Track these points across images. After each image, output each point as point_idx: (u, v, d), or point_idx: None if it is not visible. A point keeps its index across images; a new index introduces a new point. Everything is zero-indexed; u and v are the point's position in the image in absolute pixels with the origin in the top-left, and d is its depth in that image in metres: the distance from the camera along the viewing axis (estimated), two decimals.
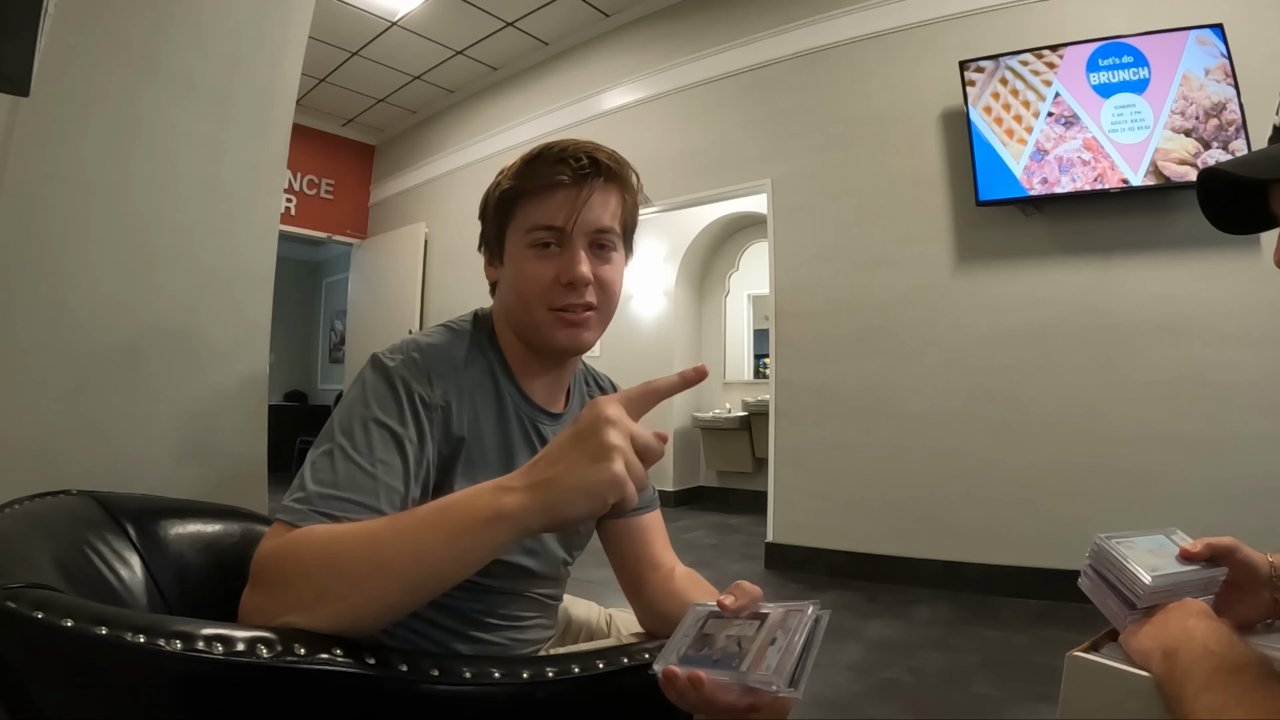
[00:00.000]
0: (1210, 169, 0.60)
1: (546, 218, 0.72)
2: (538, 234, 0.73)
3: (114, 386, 1.63)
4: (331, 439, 0.63)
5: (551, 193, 0.72)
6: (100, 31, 1.61)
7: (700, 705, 0.48)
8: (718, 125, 3.88)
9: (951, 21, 3.10)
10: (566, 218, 0.72)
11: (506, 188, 0.75)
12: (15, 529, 0.67)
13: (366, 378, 0.68)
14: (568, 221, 0.72)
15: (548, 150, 0.73)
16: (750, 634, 0.52)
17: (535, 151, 0.74)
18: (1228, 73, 2.46)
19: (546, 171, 0.72)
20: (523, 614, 0.80)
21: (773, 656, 0.49)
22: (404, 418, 0.66)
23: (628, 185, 0.77)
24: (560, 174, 0.72)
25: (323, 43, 4.64)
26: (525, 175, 0.74)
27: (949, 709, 1.79)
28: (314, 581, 0.51)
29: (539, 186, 0.73)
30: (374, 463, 0.61)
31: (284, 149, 2.03)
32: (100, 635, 0.44)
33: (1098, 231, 2.75)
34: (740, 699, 0.47)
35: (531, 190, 0.73)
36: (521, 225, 0.74)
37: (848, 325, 3.27)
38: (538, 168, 0.73)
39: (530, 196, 0.73)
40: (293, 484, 0.60)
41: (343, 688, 0.48)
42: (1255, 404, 2.41)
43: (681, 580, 0.83)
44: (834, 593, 2.89)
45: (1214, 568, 0.62)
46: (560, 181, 0.72)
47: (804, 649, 0.49)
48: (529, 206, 0.73)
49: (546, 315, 0.74)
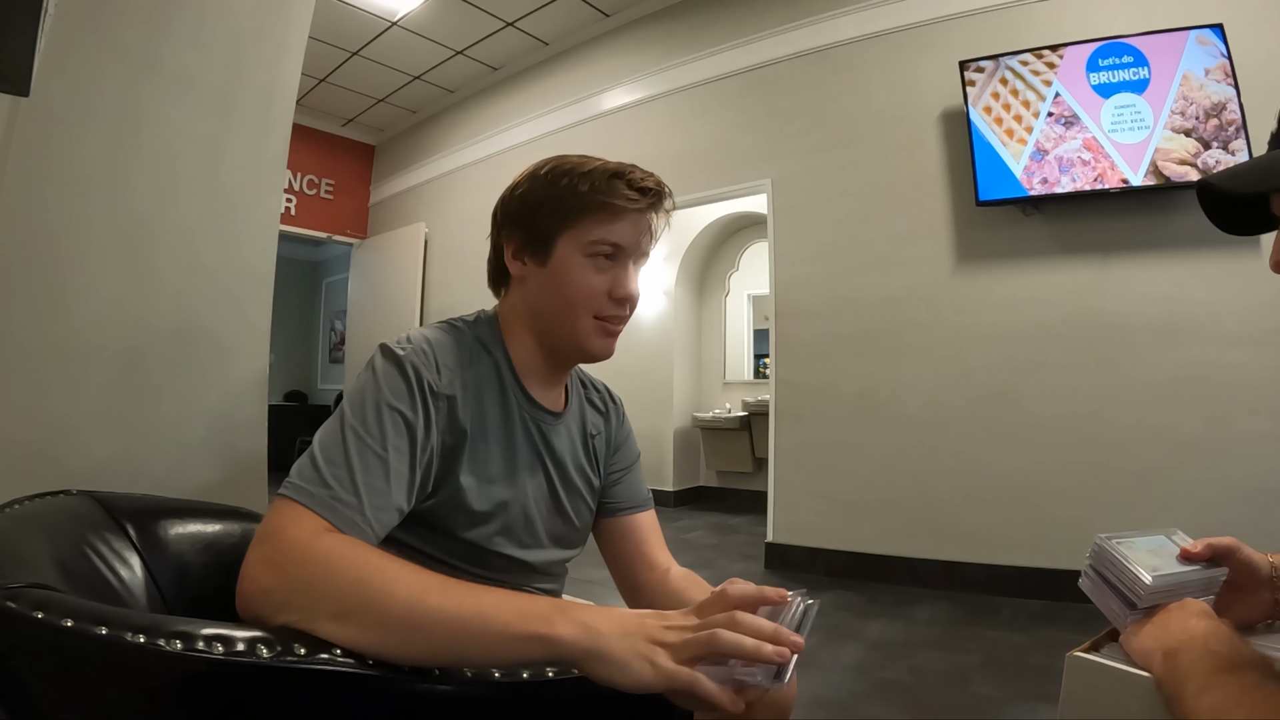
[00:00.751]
0: (1201, 183, 0.60)
1: (615, 236, 0.76)
2: (603, 248, 0.76)
3: (114, 386, 1.62)
4: (343, 420, 0.63)
5: (624, 214, 0.76)
6: (100, 31, 1.61)
7: (697, 701, 0.48)
8: (718, 125, 3.88)
9: (951, 21, 3.10)
10: (631, 240, 0.77)
11: (583, 193, 0.76)
12: (15, 529, 0.67)
13: (378, 364, 0.69)
14: (632, 244, 0.78)
15: (631, 174, 0.77)
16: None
17: (619, 170, 0.77)
18: (1228, 73, 2.46)
19: (627, 194, 0.76)
20: None
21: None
22: (414, 404, 0.67)
23: (666, 212, 0.83)
24: (635, 201, 0.76)
25: (323, 43, 4.64)
26: (606, 190, 0.76)
27: (949, 709, 1.79)
28: (340, 601, 0.50)
29: (612, 205, 0.76)
30: (385, 447, 0.62)
31: (284, 149, 2.03)
32: (100, 635, 0.44)
33: (1098, 231, 2.75)
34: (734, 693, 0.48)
35: (605, 206, 0.76)
36: (585, 235, 0.76)
37: (848, 325, 3.27)
38: (619, 187, 0.76)
39: (603, 211, 0.76)
40: (301, 460, 0.60)
41: (343, 688, 0.48)
42: (1255, 404, 2.41)
43: (678, 581, 0.85)
44: (834, 593, 2.89)
45: (1214, 568, 0.62)
46: (632, 207, 0.76)
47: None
48: (600, 221, 0.76)
49: (590, 322, 0.78)
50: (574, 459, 0.86)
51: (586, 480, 0.88)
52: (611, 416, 0.95)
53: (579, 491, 0.86)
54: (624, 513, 0.91)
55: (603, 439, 0.92)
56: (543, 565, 0.81)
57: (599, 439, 0.91)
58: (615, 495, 0.92)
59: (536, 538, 0.80)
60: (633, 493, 0.93)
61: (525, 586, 0.81)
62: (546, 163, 0.80)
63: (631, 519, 0.91)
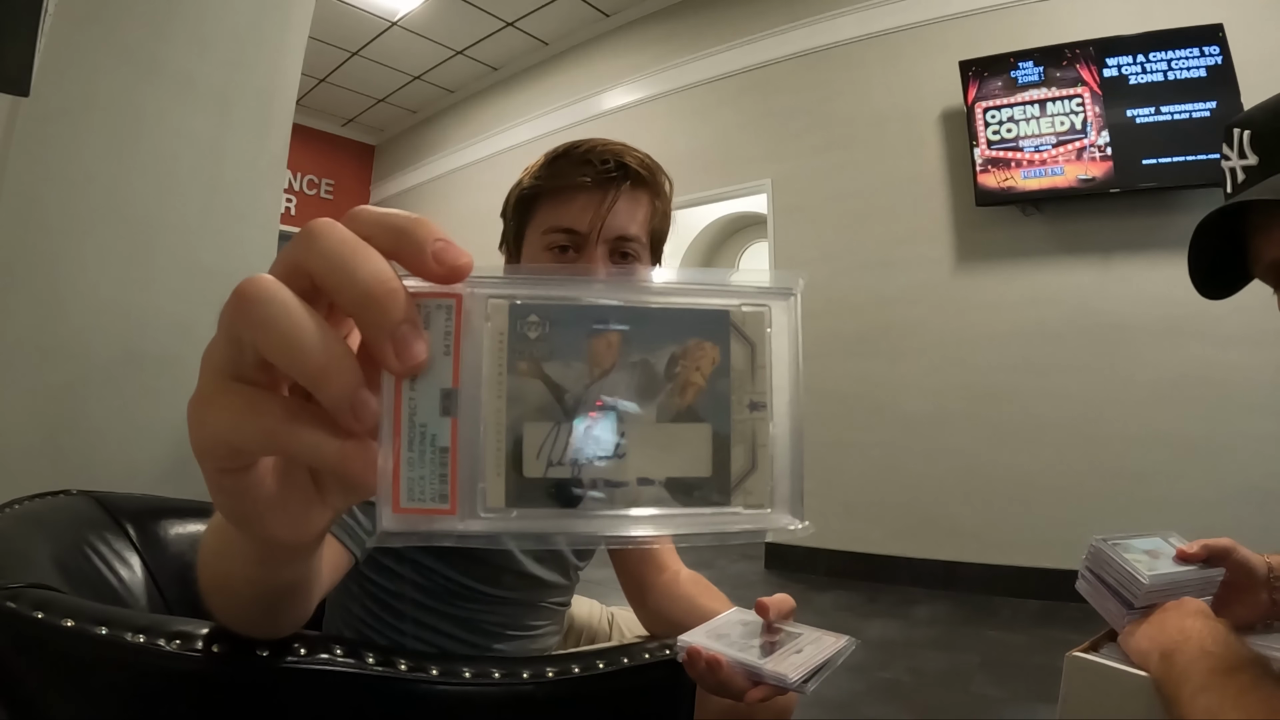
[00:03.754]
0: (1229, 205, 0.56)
1: (565, 220, 0.68)
2: (555, 236, 0.68)
3: (114, 386, 1.63)
4: None
5: (573, 195, 0.68)
6: (101, 32, 1.61)
7: (715, 686, 0.50)
8: (718, 125, 3.88)
9: (952, 21, 3.10)
10: (588, 222, 0.67)
11: (527, 186, 0.71)
12: (15, 529, 0.67)
13: None
14: (589, 226, 0.67)
15: (573, 149, 0.69)
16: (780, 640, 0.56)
17: (560, 149, 0.70)
18: (1228, 73, 2.46)
19: (569, 171, 0.68)
20: (536, 623, 0.80)
21: (793, 659, 0.53)
22: None
23: (659, 192, 0.72)
24: (583, 175, 0.67)
25: (323, 43, 4.64)
26: (547, 174, 0.70)
27: (949, 709, 1.79)
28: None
29: (560, 187, 0.68)
30: None
31: (284, 149, 2.03)
32: (100, 635, 0.45)
33: (1098, 231, 2.75)
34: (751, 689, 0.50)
35: (552, 190, 0.69)
36: (540, 226, 0.70)
37: (848, 325, 3.27)
38: (561, 167, 0.69)
39: (551, 197, 0.69)
40: None
41: (343, 687, 0.48)
42: (1255, 404, 2.41)
43: (688, 585, 0.82)
44: (834, 593, 2.89)
45: (1211, 568, 0.62)
46: (583, 183, 0.67)
47: (823, 665, 0.53)
48: (549, 207, 0.69)
49: None
50: None
51: None
52: None
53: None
54: None
55: None
56: (556, 579, 0.80)
57: None
58: None
59: (553, 550, 0.78)
60: None
61: (541, 602, 0.79)
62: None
63: None
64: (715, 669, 0.52)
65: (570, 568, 0.83)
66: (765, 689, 0.51)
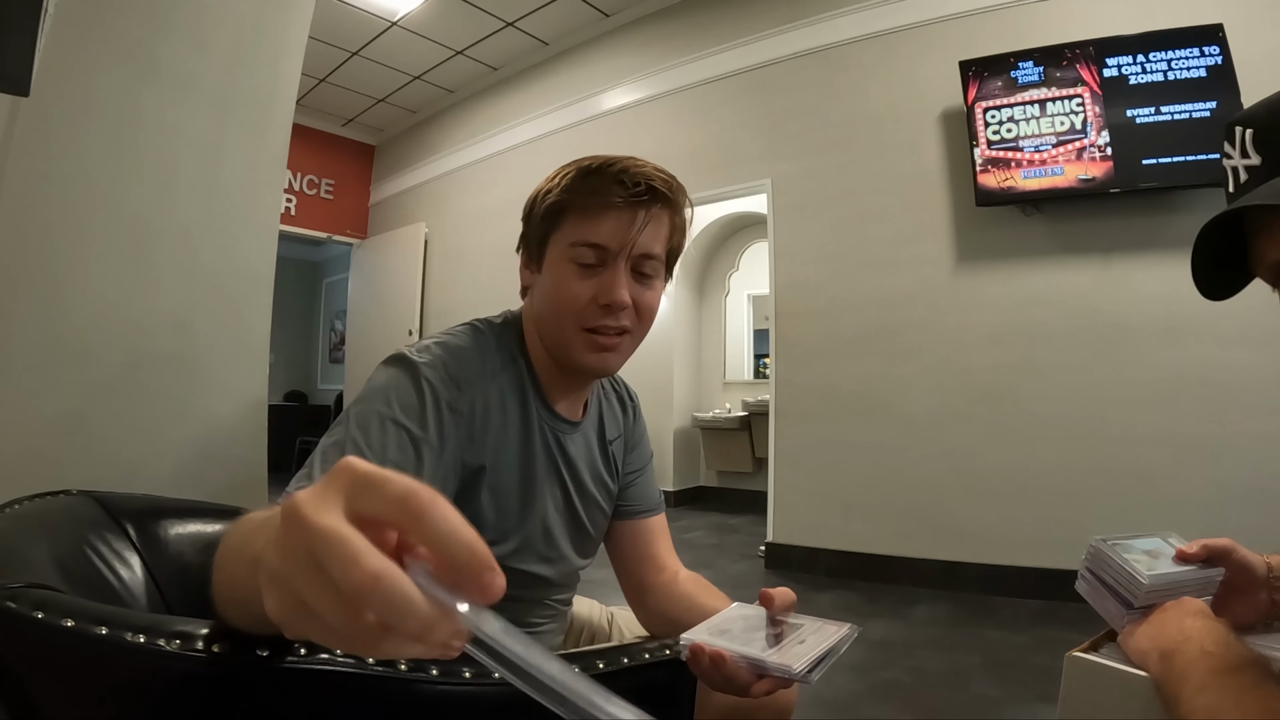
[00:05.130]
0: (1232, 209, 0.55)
1: (594, 236, 0.70)
2: (582, 251, 0.70)
3: (114, 387, 1.63)
4: (346, 430, 0.61)
5: (603, 213, 0.70)
6: (100, 31, 1.61)
7: (719, 682, 0.50)
8: (718, 125, 3.88)
9: (952, 21, 3.10)
10: (616, 240, 0.70)
11: (557, 198, 0.72)
12: (15, 529, 0.67)
13: (391, 373, 0.66)
14: (617, 244, 0.70)
15: (606, 167, 0.71)
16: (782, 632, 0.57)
17: (593, 165, 0.72)
18: (1228, 73, 2.46)
19: (601, 189, 0.70)
20: (539, 621, 0.80)
21: (796, 649, 0.53)
22: (425, 420, 0.64)
23: (679, 211, 0.75)
24: (615, 195, 0.69)
25: (323, 43, 4.64)
26: (578, 189, 0.71)
27: (949, 709, 1.79)
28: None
29: (591, 203, 0.70)
30: (384, 462, 0.60)
31: (284, 149, 2.03)
32: (100, 635, 0.44)
33: (1098, 231, 2.75)
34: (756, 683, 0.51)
35: (582, 205, 0.71)
36: (567, 238, 0.72)
37: (848, 325, 3.27)
38: (593, 183, 0.71)
39: (580, 211, 0.71)
40: (300, 470, 0.59)
41: (343, 687, 0.48)
42: (1255, 404, 2.41)
43: (687, 584, 0.83)
44: (834, 593, 2.89)
45: (1211, 568, 0.62)
46: (613, 202, 0.70)
47: (826, 653, 0.53)
48: (577, 221, 0.71)
49: (578, 335, 0.72)
50: (590, 467, 0.83)
51: (604, 488, 0.85)
52: (629, 412, 0.93)
53: (595, 500, 0.84)
54: (637, 516, 0.89)
55: (621, 441, 0.89)
56: (559, 578, 0.80)
57: (618, 443, 0.88)
58: (629, 498, 0.89)
59: (557, 549, 0.78)
60: (646, 495, 0.91)
61: (544, 599, 0.80)
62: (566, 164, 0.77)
63: (644, 522, 0.89)
64: (719, 664, 0.52)
65: (574, 569, 0.83)
66: (771, 681, 0.52)
